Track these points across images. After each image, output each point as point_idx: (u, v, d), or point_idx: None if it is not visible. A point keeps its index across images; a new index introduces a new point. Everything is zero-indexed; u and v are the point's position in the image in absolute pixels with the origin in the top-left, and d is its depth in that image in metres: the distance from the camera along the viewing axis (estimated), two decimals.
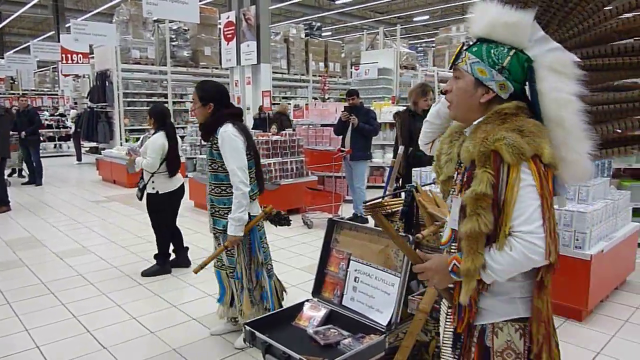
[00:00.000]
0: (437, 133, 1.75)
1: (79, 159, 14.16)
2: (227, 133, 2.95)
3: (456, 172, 1.52)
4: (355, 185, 6.51)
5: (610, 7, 1.40)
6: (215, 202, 3.12)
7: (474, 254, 1.32)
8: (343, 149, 6.45)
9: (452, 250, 1.48)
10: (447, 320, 1.57)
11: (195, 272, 3.10)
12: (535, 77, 1.38)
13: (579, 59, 1.40)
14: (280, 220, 3.37)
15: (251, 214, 3.11)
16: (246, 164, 2.99)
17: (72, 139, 15.05)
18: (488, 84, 1.41)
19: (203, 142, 6.71)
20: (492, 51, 1.39)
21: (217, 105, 3.05)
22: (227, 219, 3.01)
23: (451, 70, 1.51)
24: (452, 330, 1.53)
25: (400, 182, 4.57)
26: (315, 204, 6.74)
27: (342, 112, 6.51)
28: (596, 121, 1.42)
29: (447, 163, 1.56)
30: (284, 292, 3.44)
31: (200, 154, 8.83)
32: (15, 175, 11.41)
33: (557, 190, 1.42)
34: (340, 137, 6.60)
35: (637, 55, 1.39)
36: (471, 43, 1.47)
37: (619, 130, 1.44)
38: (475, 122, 1.44)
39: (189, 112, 13.50)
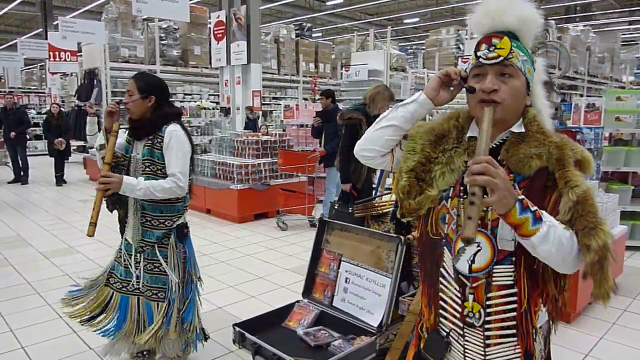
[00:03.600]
0: (398, 141, 1.46)
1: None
2: (178, 134, 2.62)
3: (454, 186, 1.34)
4: (326, 186, 6.50)
5: None
6: (149, 210, 2.67)
7: (607, 274, 1.19)
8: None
9: (495, 279, 1.28)
10: (495, 356, 1.33)
11: (90, 234, 2.42)
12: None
13: None
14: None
15: (181, 224, 2.78)
16: (188, 170, 2.66)
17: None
18: (530, 82, 1.32)
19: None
20: (525, 49, 1.30)
21: (159, 99, 2.67)
22: (162, 229, 2.68)
23: (492, 59, 1.27)
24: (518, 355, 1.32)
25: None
26: (289, 206, 6.71)
27: (313, 117, 6.52)
28: None
29: (444, 174, 1.33)
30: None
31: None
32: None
33: None
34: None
35: None
36: (498, 31, 1.29)
37: None
38: (516, 129, 1.30)
39: None
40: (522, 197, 1.14)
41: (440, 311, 1.39)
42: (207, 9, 13.89)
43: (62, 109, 15.02)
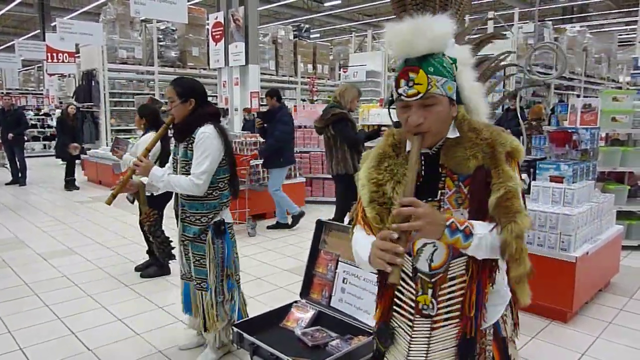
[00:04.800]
0: None
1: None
2: (209, 134, 2.74)
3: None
4: (270, 190, 6.40)
5: None
6: (187, 207, 2.86)
7: (525, 256, 1.32)
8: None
9: (451, 273, 1.40)
10: (438, 339, 1.45)
11: (108, 203, 2.78)
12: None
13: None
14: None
15: (226, 221, 2.91)
16: (213, 171, 2.76)
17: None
18: (452, 97, 1.38)
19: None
20: (444, 65, 1.35)
21: (198, 101, 2.82)
22: (199, 225, 2.83)
23: (412, 97, 1.33)
24: (453, 339, 1.43)
25: None
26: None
27: (256, 119, 6.56)
28: None
29: (395, 189, 1.41)
30: (245, 306, 3.17)
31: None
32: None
33: None
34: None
35: None
36: (413, 64, 1.34)
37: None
38: (451, 135, 1.39)
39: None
40: (451, 220, 1.28)
41: (395, 307, 1.51)
42: (205, 10, 13.90)
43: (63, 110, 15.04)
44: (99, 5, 17.83)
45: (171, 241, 3.32)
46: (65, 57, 14.85)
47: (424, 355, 1.45)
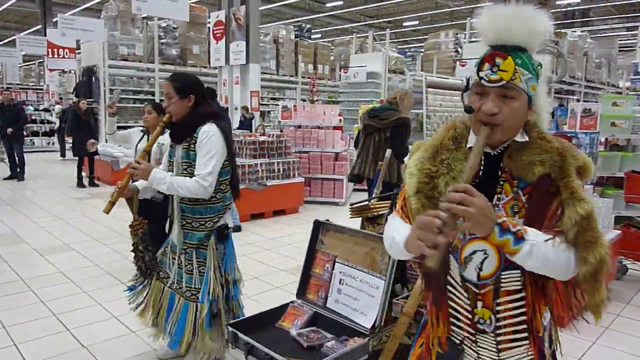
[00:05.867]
0: None
1: (63, 154, 13.99)
2: (213, 134, 2.58)
3: None
4: None
5: None
6: (188, 213, 2.69)
7: (601, 286, 1.24)
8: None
9: (503, 285, 1.30)
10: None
11: (106, 211, 2.56)
12: None
13: None
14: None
15: (222, 225, 2.75)
16: (217, 172, 2.61)
17: (56, 135, 14.85)
18: (533, 97, 1.29)
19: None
20: (531, 61, 1.27)
21: (198, 98, 2.63)
22: (203, 230, 2.68)
23: (495, 82, 1.25)
24: None
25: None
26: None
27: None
28: None
29: (448, 183, 1.31)
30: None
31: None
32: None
33: None
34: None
35: None
36: (502, 49, 1.26)
37: None
38: (520, 138, 1.30)
39: None
40: (503, 219, 1.16)
41: (452, 319, 1.40)
42: (206, 8, 13.89)
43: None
44: (100, 1, 17.81)
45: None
46: (66, 52, 14.85)
47: None
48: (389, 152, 4.56)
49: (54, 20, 16.49)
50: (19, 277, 4.51)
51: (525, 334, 1.32)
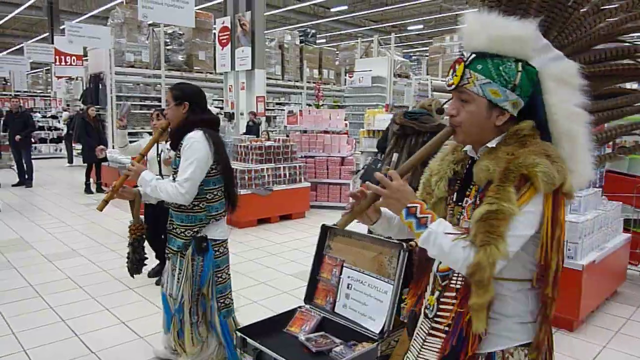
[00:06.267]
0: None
1: (70, 161, 14.07)
2: (195, 140, 2.54)
3: (453, 194, 1.44)
4: None
5: (608, 7, 1.38)
6: (174, 218, 2.69)
7: (492, 285, 1.24)
8: None
9: (452, 282, 1.39)
10: (427, 347, 1.45)
11: (100, 209, 2.63)
12: (542, 89, 1.31)
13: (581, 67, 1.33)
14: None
15: (210, 238, 2.69)
16: (199, 179, 2.56)
17: (63, 141, 14.95)
18: (502, 105, 1.30)
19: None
20: (500, 68, 1.28)
21: (192, 105, 2.63)
22: (183, 238, 2.65)
23: (450, 86, 1.36)
24: (435, 353, 1.41)
25: None
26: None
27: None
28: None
29: (438, 183, 1.47)
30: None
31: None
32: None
33: None
34: None
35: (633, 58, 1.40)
36: (470, 58, 1.33)
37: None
38: (490, 144, 1.34)
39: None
40: (414, 205, 1.32)
41: (421, 298, 1.58)
42: (212, 14, 13.96)
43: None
44: (107, 9, 17.96)
45: (146, 257, 3.09)
46: (73, 60, 14.97)
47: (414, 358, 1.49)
48: (395, 155, 4.55)
49: (61, 27, 16.61)
50: (28, 283, 4.54)
51: (447, 329, 1.39)
